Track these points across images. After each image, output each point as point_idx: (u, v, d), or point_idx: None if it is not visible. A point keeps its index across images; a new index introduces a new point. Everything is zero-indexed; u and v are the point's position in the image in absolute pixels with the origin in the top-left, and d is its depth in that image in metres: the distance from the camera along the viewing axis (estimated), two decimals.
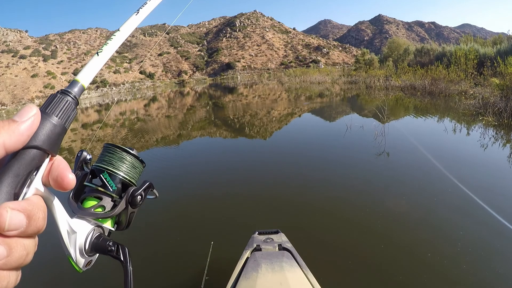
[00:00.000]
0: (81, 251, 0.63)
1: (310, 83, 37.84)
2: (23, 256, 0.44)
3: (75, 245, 0.62)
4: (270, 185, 6.60)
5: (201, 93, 46.47)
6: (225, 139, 12.12)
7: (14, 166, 0.46)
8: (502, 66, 13.28)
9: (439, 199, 5.26)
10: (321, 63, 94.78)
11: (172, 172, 8.03)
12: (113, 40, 0.68)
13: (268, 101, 25.55)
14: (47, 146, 0.49)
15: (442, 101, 16.06)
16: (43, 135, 0.48)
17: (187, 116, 20.91)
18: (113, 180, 0.72)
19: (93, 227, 0.67)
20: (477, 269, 3.47)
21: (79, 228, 0.63)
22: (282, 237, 2.66)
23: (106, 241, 0.67)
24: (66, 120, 0.53)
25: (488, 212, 4.66)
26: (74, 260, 0.63)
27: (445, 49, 27.92)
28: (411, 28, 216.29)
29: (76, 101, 0.57)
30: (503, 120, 10.04)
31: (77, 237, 0.62)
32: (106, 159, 0.74)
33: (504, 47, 21.74)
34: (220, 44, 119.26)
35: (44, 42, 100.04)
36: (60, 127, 0.51)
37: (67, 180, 0.51)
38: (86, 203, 0.70)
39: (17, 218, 0.42)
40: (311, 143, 10.10)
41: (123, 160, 0.75)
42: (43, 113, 0.50)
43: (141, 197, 0.74)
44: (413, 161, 7.42)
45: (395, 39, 42.26)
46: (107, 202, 0.71)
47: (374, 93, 21.77)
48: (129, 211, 0.73)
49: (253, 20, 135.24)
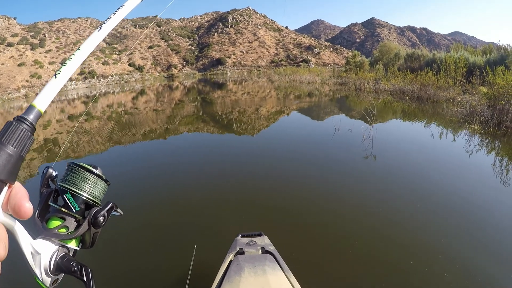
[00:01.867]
0: (46, 272, 0.62)
1: (299, 83, 37.90)
2: None
3: (40, 266, 0.62)
4: (254, 187, 6.54)
5: (190, 88, 46.31)
6: (210, 137, 12.07)
7: None
8: (491, 76, 13.36)
9: (423, 202, 5.31)
10: (312, 63, 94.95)
11: (153, 171, 7.89)
12: (72, 61, 0.67)
13: (257, 98, 25.54)
14: (4, 176, 0.49)
15: (430, 106, 16.17)
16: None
17: (174, 110, 20.80)
18: (76, 201, 0.71)
19: (57, 247, 0.66)
20: (458, 273, 3.47)
21: (43, 249, 0.63)
22: (265, 240, 2.66)
23: (70, 262, 0.65)
24: (22, 149, 0.53)
25: (467, 216, 4.70)
26: (40, 279, 0.62)
27: (436, 55, 28.09)
28: (402, 33, 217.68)
29: (33, 128, 0.56)
30: (489, 129, 10.11)
31: (42, 258, 0.62)
32: (69, 178, 0.72)
33: (494, 57, 21.97)
34: (212, 39, 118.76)
35: (32, 30, 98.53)
36: (16, 156, 0.51)
37: (24, 209, 0.51)
38: (50, 223, 0.69)
39: None
40: (298, 144, 10.08)
41: (86, 180, 0.73)
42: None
43: (104, 218, 0.73)
44: (400, 165, 7.46)
45: (387, 43, 42.50)
46: (70, 222, 0.70)
47: (363, 96, 21.88)
48: (92, 232, 0.73)
49: (246, 16, 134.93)
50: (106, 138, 12.32)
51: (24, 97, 59.50)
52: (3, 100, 54.86)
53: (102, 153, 10.28)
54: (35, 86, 68.30)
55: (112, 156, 9.96)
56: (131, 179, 7.22)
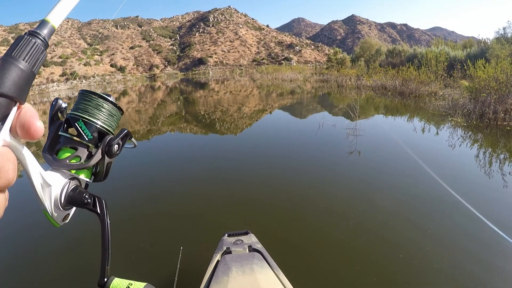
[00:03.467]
0: (56, 205, 0.61)
1: (282, 81, 37.98)
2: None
3: (50, 198, 0.60)
4: (239, 185, 6.42)
5: (172, 88, 46.06)
6: (193, 137, 11.84)
7: None
8: (472, 69, 13.46)
9: (408, 196, 5.30)
10: (293, 61, 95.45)
11: (135, 172, 7.65)
12: None
13: (239, 97, 25.47)
14: (14, 93, 0.44)
15: (412, 101, 16.26)
16: (9, 81, 0.44)
17: (157, 111, 20.57)
18: (89, 129, 0.67)
19: (68, 180, 0.64)
20: (450, 259, 3.43)
21: (54, 181, 0.61)
22: (252, 238, 2.63)
23: (82, 194, 0.64)
24: (34, 64, 0.48)
25: (453, 208, 4.66)
26: (50, 214, 0.61)
27: (416, 50, 28.40)
28: (383, 29, 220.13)
29: (46, 43, 0.52)
30: (471, 122, 10.17)
31: (52, 190, 0.60)
32: (82, 106, 0.68)
33: (474, 50, 22.29)
34: (193, 39, 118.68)
35: (13, 31, 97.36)
36: (27, 72, 0.47)
37: (34, 127, 0.46)
38: (61, 154, 0.66)
39: None
40: (281, 141, 9.99)
41: (99, 108, 0.69)
42: (8, 57, 0.46)
43: (118, 146, 0.70)
44: (384, 160, 7.43)
45: (367, 40, 42.85)
46: (83, 152, 0.67)
47: (346, 92, 21.93)
48: (106, 161, 0.70)
49: (227, 15, 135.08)
50: None
51: None
52: None
53: None
54: None
55: None
56: (112, 181, 7.02)
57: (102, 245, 0.63)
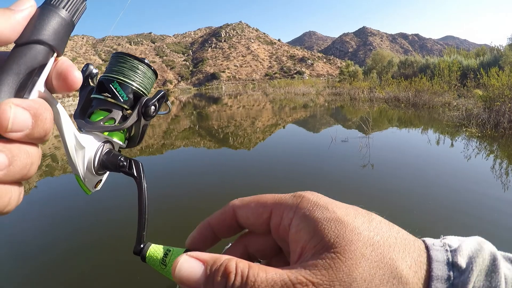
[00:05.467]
0: (89, 169, 0.58)
1: (294, 94, 37.97)
2: (27, 165, 0.37)
3: (83, 162, 0.57)
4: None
5: (185, 102, 46.31)
6: (206, 150, 11.89)
7: (14, 63, 0.39)
8: (485, 78, 13.32)
9: (421, 210, 5.17)
10: (306, 75, 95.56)
11: (150, 182, 7.74)
12: None
13: (252, 111, 25.49)
14: (53, 41, 0.41)
15: (425, 112, 16.13)
16: (49, 29, 0.40)
17: (170, 125, 20.71)
18: (124, 90, 0.64)
19: (102, 142, 0.61)
20: None
21: (88, 143, 0.57)
22: None
23: (117, 157, 0.61)
24: (75, 14, 0.44)
25: (470, 221, 4.59)
26: (82, 180, 0.58)
27: (429, 61, 28.23)
28: (395, 40, 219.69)
29: None
30: (486, 131, 10.04)
31: (86, 153, 0.57)
32: (116, 68, 0.65)
33: (487, 58, 22.08)
34: (206, 54, 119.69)
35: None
36: (67, 21, 0.43)
37: (72, 77, 0.43)
38: (94, 117, 0.63)
39: (22, 116, 0.36)
40: (295, 155, 9.94)
41: (134, 69, 0.66)
42: (48, 4, 0.42)
43: (155, 108, 0.67)
44: (398, 173, 7.35)
45: (379, 51, 42.76)
46: (117, 114, 0.64)
47: (358, 105, 21.81)
48: (141, 124, 0.67)
49: (239, 30, 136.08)
50: None
51: None
52: None
53: None
54: None
55: None
56: (125, 189, 7.09)
57: (139, 209, 0.61)
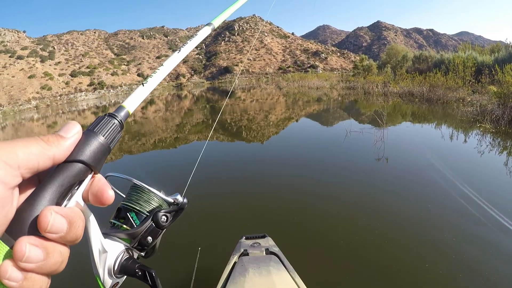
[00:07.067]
0: (109, 272, 0.64)
1: (308, 88, 37.86)
2: (58, 262, 0.44)
3: (104, 264, 0.63)
4: (260, 189, 6.60)
5: (198, 96, 46.53)
6: (218, 142, 12.07)
7: (59, 177, 0.47)
8: (500, 74, 13.29)
9: (437, 204, 5.25)
10: (319, 68, 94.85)
11: (159, 175, 8.02)
12: (157, 74, 0.77)
13: (265, 105, 25.61)
14: (92, 162, 0.51)
15: (440, 107, 16.11)
16: (89, 151, 0.51)
17: (184, 119, 20.90)
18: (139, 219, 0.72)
19: (123, 249, 0.67)
20: (476, 268, 3.47)
21: (110, 248, 0.64)
22: (269, 241, 2.69)
23: (135, 264, 0.68)
24: (112, 141, 0.56)
25: (487, 213, 4.67)
26: (102, 280, 0.63)
27: (443, 56, 27.97)
28: (409, 35, 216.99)
29: (122, 125, 0.60)
30: (500, 128, 10.07)
31: (108, 257, 0.63)
32: (134, 198, 0.74)
33: (502, 55, 21.84)
34: (219, 47, 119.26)
35: (42, 43, 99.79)
36: (105, 146, 0.53)
37: (106, 195, 0.52)
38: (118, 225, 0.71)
39: (59, 221, 0.43)
40: (309, 147, 10.09)
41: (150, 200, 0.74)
42: (91, 131, 0.53)
43: (166, 218, 0.75)
44: (412, 166, 7.44)
45: (394, 46, 42.40)
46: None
47: (372, 99, 21.78)
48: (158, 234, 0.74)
49: (252, 24, 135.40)
50: (116, 147, 12.38)
51: (35, 108, 59.87)
52: (14, 111, 55.47)
53: (114, 162, 10.35)
54: (46, 98, 68.94)
55: (124, 162, 10.11)
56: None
57: None
